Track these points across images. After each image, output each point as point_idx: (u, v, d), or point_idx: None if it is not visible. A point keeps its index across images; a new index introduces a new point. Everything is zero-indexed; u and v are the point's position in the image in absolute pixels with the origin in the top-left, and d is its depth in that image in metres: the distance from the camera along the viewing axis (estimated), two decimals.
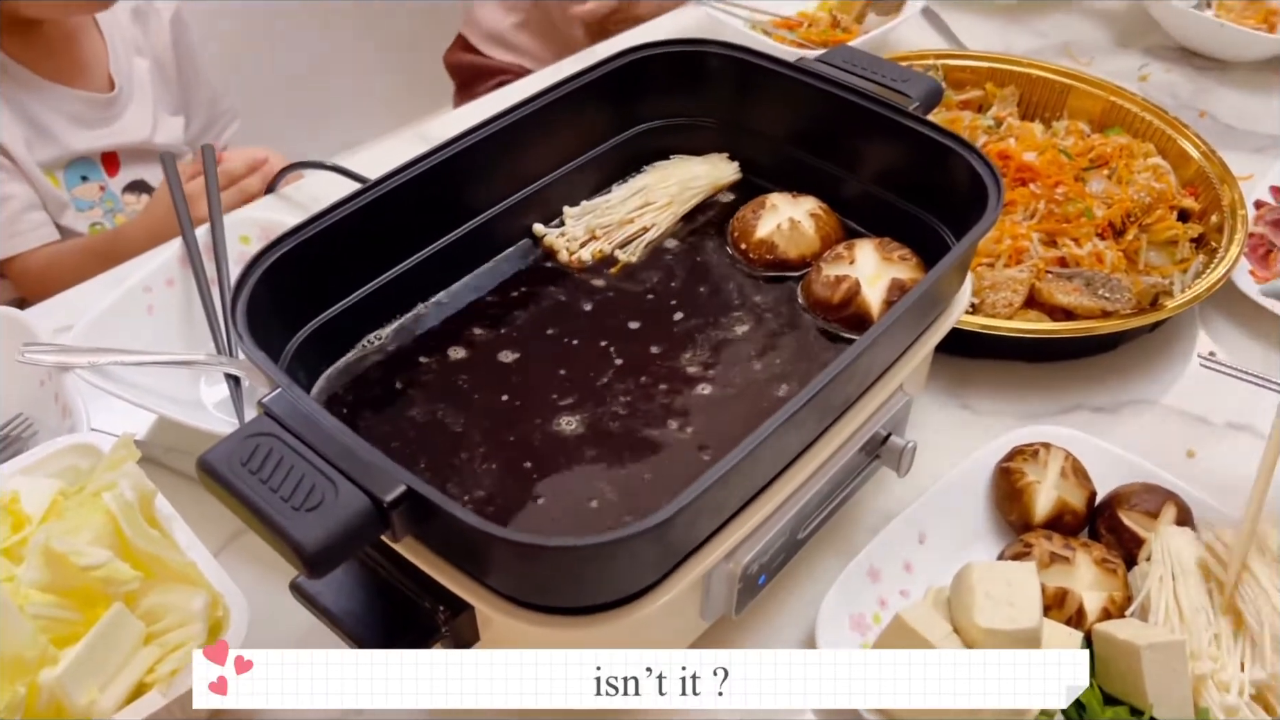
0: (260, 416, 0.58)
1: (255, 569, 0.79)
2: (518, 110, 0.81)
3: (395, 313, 0.79)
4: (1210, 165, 1.10)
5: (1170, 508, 0.79)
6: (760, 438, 0.58)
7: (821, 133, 0.87)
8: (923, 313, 0.74)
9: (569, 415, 0.72)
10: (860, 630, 0.75)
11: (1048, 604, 0.74)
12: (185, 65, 1.54)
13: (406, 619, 0.63)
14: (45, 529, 0.66)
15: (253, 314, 0.66)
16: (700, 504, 0.56)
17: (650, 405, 0.73)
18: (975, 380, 0.97)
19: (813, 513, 0.73)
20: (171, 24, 1.51)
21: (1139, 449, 0.86)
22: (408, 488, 0.55)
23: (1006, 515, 0.83)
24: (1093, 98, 1.20)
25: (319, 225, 0.72)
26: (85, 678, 0.62)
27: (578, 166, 0.89)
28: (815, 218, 0.85)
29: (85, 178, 1.43)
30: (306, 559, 0.52)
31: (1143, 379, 0.99)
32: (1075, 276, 0.97)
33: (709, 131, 0.93)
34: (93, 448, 0.75)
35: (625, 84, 0.88)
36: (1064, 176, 1.07)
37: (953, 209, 0.80)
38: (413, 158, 0.76)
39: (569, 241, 0.85)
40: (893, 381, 0.73)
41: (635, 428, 0.72)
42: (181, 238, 0.97)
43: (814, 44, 1.35)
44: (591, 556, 0.56)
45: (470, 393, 0.74)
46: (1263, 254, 1.08)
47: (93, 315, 0.89)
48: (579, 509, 0.67)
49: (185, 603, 0.66)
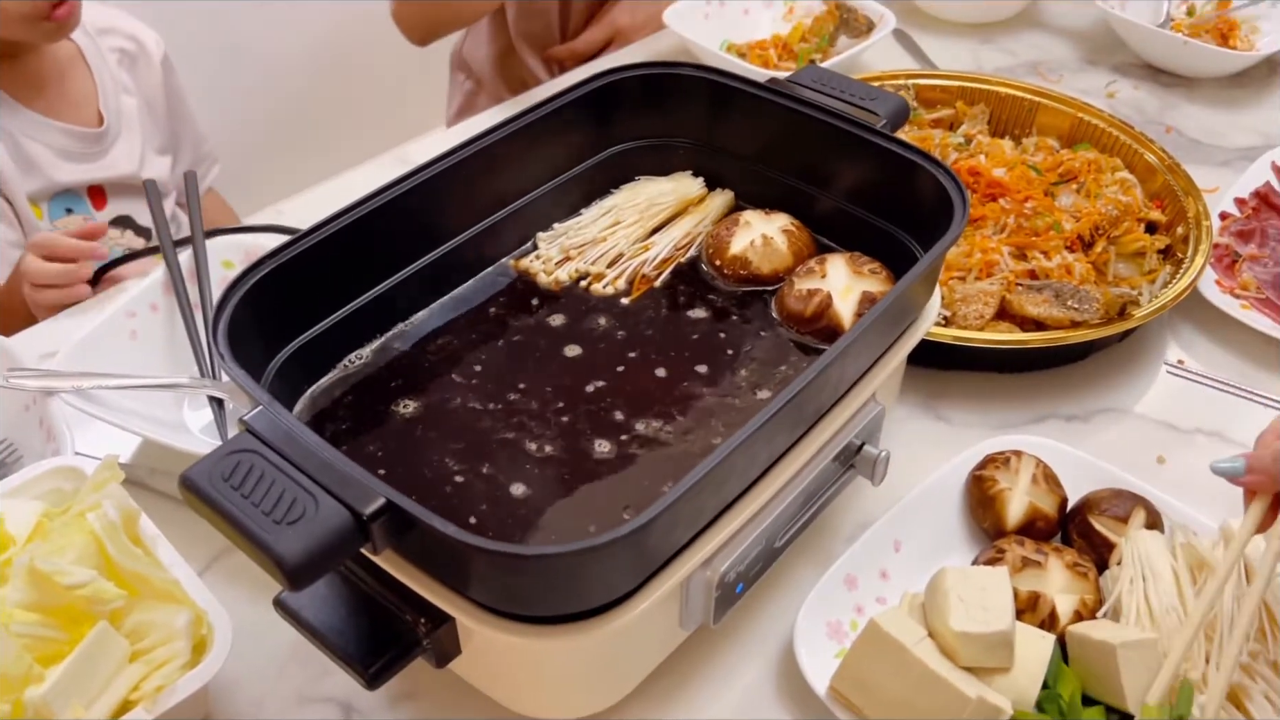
0: (241, 433, 0.59)
1: (239, 588, 0.80)
2: (493, 134, 0.83)
3: (376, 332, 0.80)
4: (1176, 178, 1.12)
5: (1140, 512, 0.81)
6: (733, 445, 0.60)
7: (792, 151, 0.89)
8: (892, 323, 0.76)
9: (548, 429, 0.73)
10: (838, 638, 0.76)
11: (1020, 607, 0.75)
12: (174, 106, 1.56)
13: (389, 632, 0.64)
14: (30, 549, 0.67)
15: (234, 334, 0.67)
16: (675, 511, 0.58)
17: (628, 417, 0.74)
18: (949, 392, 0.99)
19: (789, 521, 0.74)
20: (162, 65, 1.53)
21: (1110, 456, 0.87)
22: (387, 500, 0.56)
23: (980, 522, 0.84)
24: (1061, 114, 1.23)
25: (300, 247, 0.73)
26: (70, 695, 0.62)
27: (555, 188, 0.90)
28: (787, 234, 0.87)
29: (70, 210, 1.44)
30: (288, 571, 0.53)
31: (1113, 388, 1.00)
32: (1045, 288, 0.99)
33: (683, 151, 0.95)
34: (77, 470, 0.76)
35: (599, 107, 0.89)
36: (1033, 191, 1.09)
37: (921, 223, 0.82)
38: (390, 180, 0.77)
39: (545, 263, 0.87)
40: (865, 391, 0.74)
41: (613, 440, 0.73)
42: (164, 263, 0.98)
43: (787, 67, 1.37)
44: (570, 564, 0.57)
45: (450, 410, 0.75)
46: (1228, 264, 1.11)
47: (77, 340, 0.90)
48: (558, 521, 0.68)
49: (169, 620, 0.67)
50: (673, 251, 0.89)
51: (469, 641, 0.65)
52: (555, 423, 0.74)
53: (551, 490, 0.70)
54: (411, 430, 0.74)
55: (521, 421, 0.74)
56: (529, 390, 0.76)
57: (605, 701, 0.71)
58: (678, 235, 0.90)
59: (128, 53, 1.50)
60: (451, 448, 0.72)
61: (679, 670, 0.76)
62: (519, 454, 0.72)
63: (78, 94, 1.44)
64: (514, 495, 0.69)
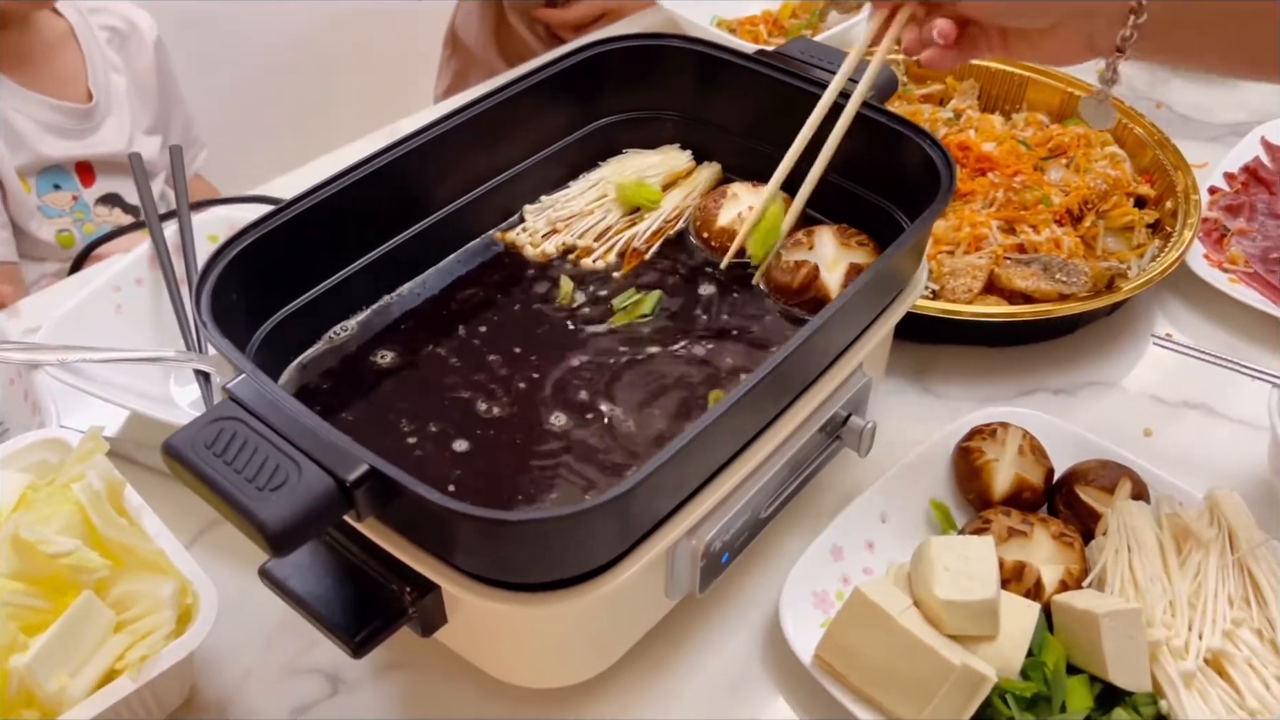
0: (224, 401, 0.59)
1: (226, 561, 0.79)
2: (479, 105, 0.82)
3: (361, 304, 0.80)
4: (1165, 153, 1.12)
5: (1126, 483, 0.81)
6: (717, 413, 0.60)
7: (780, 123, 0.88)
8: (879, 293, 0.76)
9: (532, 399, 0.73)
10: (824, 608, 0.76)
11: (1006, 577, 0.75)
12: (164, 87, 1.56)
13: (375, 601, 0.64)
14: (14, 519, 0.66)
15: (218, 304, 0.67)
16: (659, 478, 0.58)
17: (612, 387, 0.74)
18: (937, 365, 0.99)
19: (775, 491, 0.74)
20: (155, 46, 1.53)
21: (1098, 429, 0.87)
22: (370, 467, 0.56)
23: (966, 494, 0.84)
24: (1051, 90, 1.22)
25: (283, 217, 0.73)
26: (55, 665, 0.62)
27: (541, 160, 0.90)
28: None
29: (58, 186, 1.43)
30: (270, 537, 0.53)
31: (1101, 361, 1.00)
32: (1033, 262, 0.99)
33: (670, 124, 0.94)
34: (62, 442, 0.76)
35: (586, 79, 0.89)
36: (1022, 166, 1.09)
37: (908, 195, 0.82)
38: (374, 151, 0.77)
39: (531, 236, 0.87)
40: (851, 362, 0.74)
41: (598, 409, 0.73)
42: (150, 237, 0.97)
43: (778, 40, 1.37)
44: (555, 530, 0.57)
45: (435, 380, 0.75)
46: (1216, 238, 1.11)
47: (60, 314, 0.89)
48: (542, 488, 0.68)
49: (155, 590, 0.67)
50: (662, 225, 0.89)
51: (455, 610, 0.65)
52: (539, 395, 0.74)
53: (534, 460, 0.70)
54: (396, 400, 0.73)
55: (506, 394, 0.74)
56: (514, 362, 0.76)
57: (592, 670, 0.71)
58: (666, 208, 0.90)
59: (119, 32, 1.50)
60: (436, 418, 0.72)
61: (665, 639, 0.76)
62: (503, 426, 0.72)
63: (66, 70, 1.43)
64: (496, 465, 0.69)
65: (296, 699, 0.75)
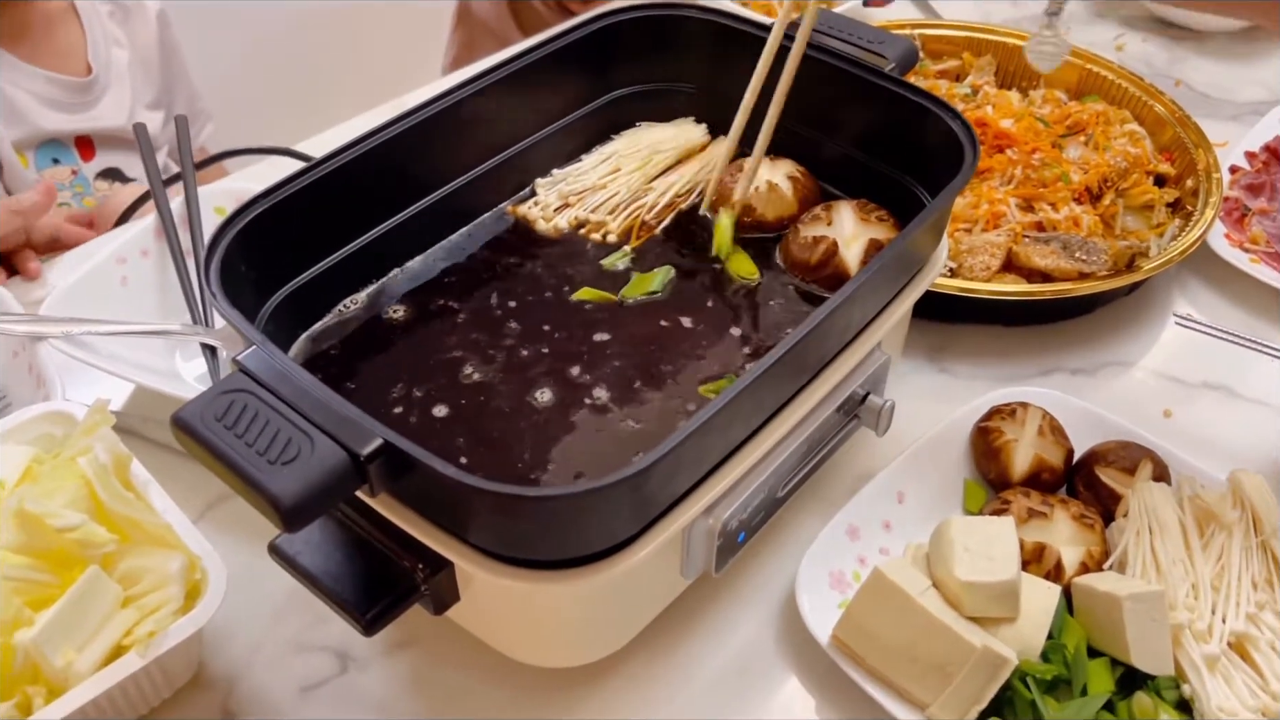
0: (235, 373, 0.58)
1: (234, 535, 0.78)
2: (489, 75, 0.81)
3: (370, 277, 0.78)
4: (1185, 131, 1.10)
5: (1147, 464, 0.80)
6: (735, 391, 0.58)
7: (798, 96, 0.86)
8: (899, 270, 0.74)
9: (547, 375, 0.72)
10: (840, 588, 0.75)
11: (1026, 558, 0.74)
12: (168, 61, 1.54)
13: (386, 578, 0.63)
14: (19, 492, 0.65)
15: (226, 275, 0.66)
16: (677, 456, 0.57)
17: (628, 363, 0.73)
18: (954, 344, 0.97)
19: (792, 470, 0.73)
20: (158, 20, 1.51)
21: (1116, 409, 0.86)
22: (385, 441, 0.55)
23: (985, 474, 0.83)
24: (1070, 66, 1.21)
25: (292, 188, 0.71)
26: (61, 640, 0.61)
27: (553, 133, 0.88)
28: (793, 180, 0.85)
29: (57, 160, 1.42)
30: (283, 512, 0.52)
31: (1120, 341, 0.99)
32: (1052, 240, 0.97)
33: (686, 97, 0.93)
34: (68, 415, 0.75)
35: (599, 50, 0.87)
36: (1041, 143, 1.08)
37: (929, 170, 0.80)
38: (384, 122, 0.75)
39: (543, 210, 0.85)
40: (870, 340, 0.73)
41: (613, 386, 0.71)
42: (156, 209, 0.96)
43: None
44: (571, 507, 0.56)
45: (446, 355, 0.74)
46: (1237, 218, 1.09)
47: (65, 286, 0.88)
48: (555, 465, 0.67)
49: (162, 565, 0.66)
50: (674, 199, 0.87)
51: (467, 587, 0.64)
52: (552, 369, 0.73)
53: (547, 435, 0.69)
54: (407, 375, 0.72)
55: (517, 367, 0.73)
56: (526, 336, 0.75)
57: (605, 649, 0.70)
58: (680, 183, 0.88)
59: (121, 5, 1.48)
60: (447, 392, 0.71)
61: (680, 619, 0.75)
62: (521, 399, 0.71)
63: (65, 44, 1.41)
64: (510, 440, 0.68)
65: (305, 676, 0.74)
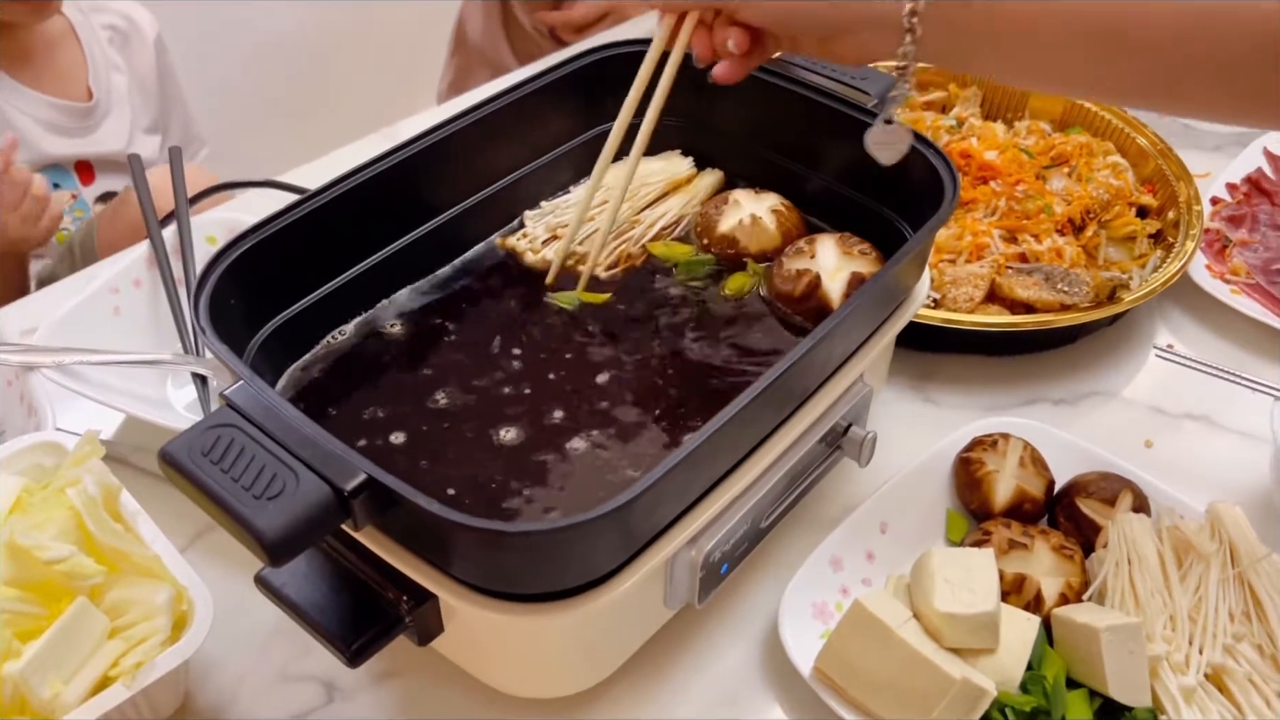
0: (222, 408, 0.58)
1: (222, 566, 0.79)
2: (481, 109, 0.82)
3: (359, 308, 0.79)
4: (1167, 163, 1.12)
5: (1127, 495, 0.81)
6: (717, 424, 0.59)
7: (783, 130, 0.88)
8: (881, 303, 0.75)
9: (532, 409, 0.73)
10: (823, 619, 0.76)
11: (1006, 589, 0.75)
12: (165, 86, 1.55)
13: (371, 610, 0.64)
14: (9, 524, 0.66)
15: (216, 309, 0.67)
16: (659, 489, 0.57)
17: (614, 397, 0.74)
18: (937, 374, 0.98)
19: (775, 502, 0.73)
20: (155, 45, 1.52)
21: (1098, 440, 0.87)
22: (368, 476, 0.55)
23: (967, 504, 0.84)
24: (1053, 98, 1.22)
25: (282, 222, 0.72)
26: (49, 671, 0.62)
27: (543, 166, 0.89)
28: (776, 213, 0.86)
29: (58, 185, 1.43)
30: (268, 546, 0.53)
31: (1102, 372, 1.00)
32: (1035, 271, 0.99)
33: (673, 130, 0.93)
34: (58, 446, 0.75)
35: (587, 84, 0.89)
36: (1024, 174, 1.09)
37: (911, 204, 0.81)
38: (375, 155, 0.77)
39: (531, 242, 0.86)
40: (853, 372, 0.74)
41: (599, 419, 0.72)
42: (149, 238, 0.97)
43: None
44: (553, 541, 0.56)
45: (433, 387, 0.74)
46: (1218, 249, 1.10)
47: (58, 316, 0.89)
48: (537, 499, 0.68)
49: (150, 597, 0.66)
50: (660, 231, 0.88)
51: (451, 619, 0.65)
52: (536, 403, 0.74)
53: (531, 469, 0.69)
54: (394, 408, 0.73)
55: (503, 400, 0.74)
56: (512, 369, 0.76)
57: (589, 680, 0.70)
58: (666, 215, 0.89)
59: (120, 30, 1.49)
60: (433, 425, 0.72)
61: (663, 650, 0.76)
62: (505, 433, 0.71)
63: (67, 69, 1.43)
64: (494, 473, 0.69)
65: (292, 706, 0.74)
